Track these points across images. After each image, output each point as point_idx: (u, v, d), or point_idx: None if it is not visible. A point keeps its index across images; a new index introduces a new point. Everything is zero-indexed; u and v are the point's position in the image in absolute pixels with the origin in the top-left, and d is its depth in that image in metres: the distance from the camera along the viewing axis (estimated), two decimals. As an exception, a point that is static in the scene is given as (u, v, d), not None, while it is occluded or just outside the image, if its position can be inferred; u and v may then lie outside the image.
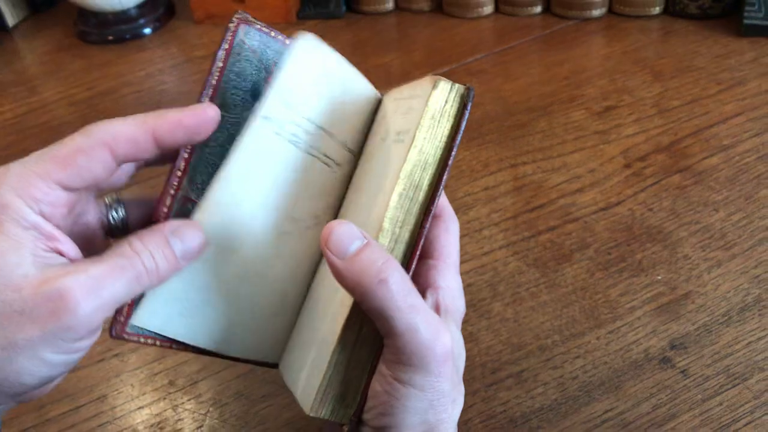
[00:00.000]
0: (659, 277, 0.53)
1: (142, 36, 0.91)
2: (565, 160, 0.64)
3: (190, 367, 0.51)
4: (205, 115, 0.33)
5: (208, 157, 0.36)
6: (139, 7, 0.91)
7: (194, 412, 0.48)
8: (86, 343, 0.30)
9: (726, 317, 0.50)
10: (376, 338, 0.33)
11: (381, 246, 0.32)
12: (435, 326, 0.31)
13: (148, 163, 0.36)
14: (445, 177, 0.33)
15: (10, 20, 0.96)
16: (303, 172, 0.37)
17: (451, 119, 0.33)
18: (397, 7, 0.90)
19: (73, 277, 0.28)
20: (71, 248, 0.30)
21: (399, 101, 0.37)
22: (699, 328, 0.50)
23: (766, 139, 0.64)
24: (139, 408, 0.49)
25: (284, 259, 0.38)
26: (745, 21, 0.77)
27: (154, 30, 0.92)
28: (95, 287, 0.29)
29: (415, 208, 0.33)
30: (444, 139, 0.33)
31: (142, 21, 0.91)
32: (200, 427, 0.47)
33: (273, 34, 0.37)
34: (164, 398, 0.49)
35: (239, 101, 0.37)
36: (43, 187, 0.29)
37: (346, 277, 0.30)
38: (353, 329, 0.32)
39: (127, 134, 0.31)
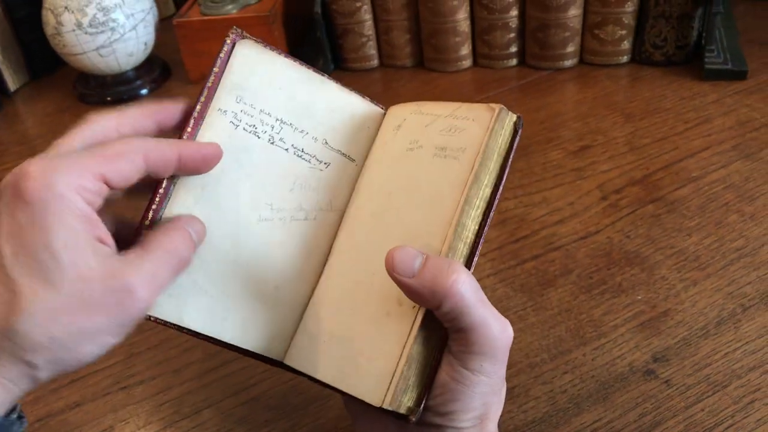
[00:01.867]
0: (639, 297, 0.56)
1: (140, 96, 0.95)
2: (545, 195, 0.68)
3: (194, 397, 0.53)
4: (217, 151, 0.38)
5: None
6: (136, 69, 0.95)
7: (199, 438, 0.50)
8: (134, 325, 0.34)
9: (704, 331, 0.53)
10: (440, 334, 0.36)
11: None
12: (501, 318, 0.36)
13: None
14: (499, 192, 0.37)
15: (12, 85, 1.00)
16: (271, 162, 0.41)
17: (506, 142, 0.38)
18: (382, 63, 0.96)
19: (136, 273, 0.33)
20: (108, 237, 0.33)
21: (429, 116, 0.41)
22: (679, 341, 0.52)
23: (732, 171, 0.68)
24: (146, 437, 0.50)
25: (272, 250, 0.41)
26: (707, 66, 0.82)
27: (150, 91, 0.96)
28: (152, 281, 0.33)
29: (477, 218, 0.37)
30: (500, 159, 0.38)
31: (139, 82, 0.95)
32: (206, 452, 0.49)
33: (268, 47, 0.42)
34: (170, 426, 0.51)
35: None
36: (92, 179, 0.32)
37: (421, 290, 0.34)
38: (425, 327, 0.36)
39: (161, 149, 0.35)
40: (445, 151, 0.39)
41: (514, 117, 0.38)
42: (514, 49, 0.90)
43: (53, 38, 0.90)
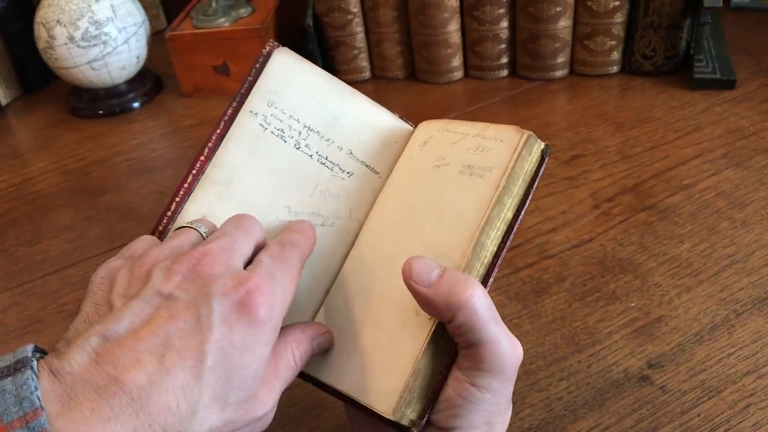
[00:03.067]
0: (633, 304, 0.56)
1: (132, 109, 0.95)
2: (538, 204, 0.68)
3: (189, 408, 0.52)
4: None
5: None
6: (129, 82, 0.95)
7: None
8: None
9: (698, 337, 0.53)
10: (450, 350, 0.36)
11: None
12: (512, 337, 0.35)
13: None
14: (521, 216, 0.38)
15: (3, 99, 1.00)
16: (294, 166, 0.43)
17: (533, 169, 0.38)
18: (374, 75, 0.96)
19: (274, 398, 0.34)
20: None
21: (457, 135, 0.42)
22: (674, 347, 0.53)
23: (722, 178, 0.69)
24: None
25: None
26: (696, 75, 0.83)
27: (143, 104, 0.96)
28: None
29: (497, 239, 0.37)
30: (524, 185, 0.38)
31: (131, 95, 0.95)
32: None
33: (303, 59, 0.44)
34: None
35: None
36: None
37: (436, 301, 0.34)
38: (435, 341, 0.36)
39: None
40: (472, 168, 0.39)
41: (542, 145, 0.39)
42: (504, 60, 0.91)
43: (45, 52, 0.90)
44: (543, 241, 0.64)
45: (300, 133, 0.43)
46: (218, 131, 0.42)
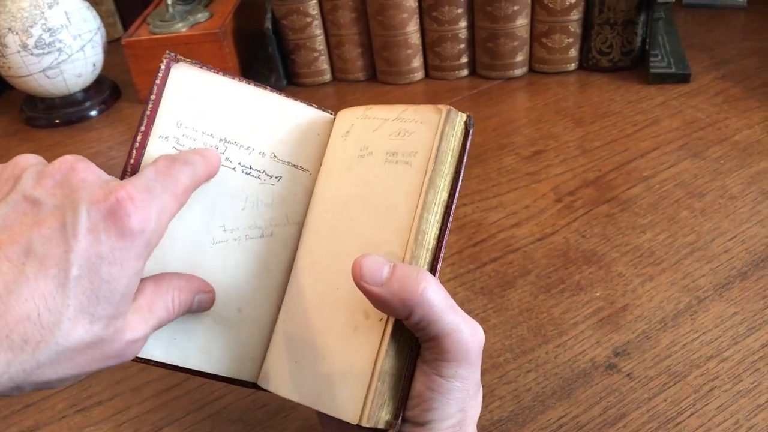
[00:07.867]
0: (597, 294, 0.57)
1: (89, 118, 0.94)
2: (501, 200, 0.69)
3: (154, 415, 0.51)
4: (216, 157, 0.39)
5: None
6: (85, 90, 0.93)
7: (161, 458, 0.48)
8: None
9: (662, 324, 0.54)
10: (412, 344, 0.36)
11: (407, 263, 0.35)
12: (471, 321, 0.35)
13: None
14: (456, 194, 0.37)
15: (-45, 112, 0.97)
16: (219, 183, 0.40)
17: (459, 144, 0.37)
18: (335, 77, 0.96)
19: (144, 330, 0.33)
20: None
21: (376, 121, 0.40)
22: (639, 335, 0.53)
23: (681, 169, 0.70)
24: (105, 460, 0.49)
25: (229, 271, 0.40)
26: (652, 70, 0.85)
27: (100, 112, 0.94)
28: (147, 335, 0.34)
29: (437, 223, 0.36)
30: (454, 162, 0.37)
31: (88, 104, 0.93)
32: (168, 471, 0.47)
33: (203, 68, 0.41)
34: (130, 447, 0.49)
35: None
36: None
37: (389, 300, 0.33)
38: (395, 339, 0.35)
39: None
40: (396, 156, 0.38)
41: (464, 117, 0.38)
42: (464, 59, 0.91)
43: (-3, 61, 0.88)
44: (507, 236, 0.64)
45: (217, 148, 0.40)
46: (131, 161, 0.38)
